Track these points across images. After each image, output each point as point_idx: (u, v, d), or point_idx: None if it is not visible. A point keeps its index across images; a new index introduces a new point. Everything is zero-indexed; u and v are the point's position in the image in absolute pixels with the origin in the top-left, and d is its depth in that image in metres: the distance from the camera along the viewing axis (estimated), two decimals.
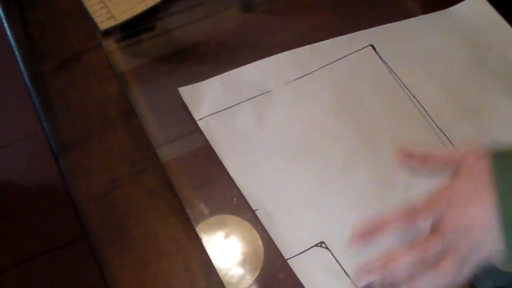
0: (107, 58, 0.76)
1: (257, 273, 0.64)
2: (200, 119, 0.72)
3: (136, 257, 0.63)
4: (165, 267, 0.63)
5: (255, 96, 0.75)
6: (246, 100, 0.74)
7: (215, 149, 0.70)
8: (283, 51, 0.78)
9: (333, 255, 0.64)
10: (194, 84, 0.75)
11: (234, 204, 0.68)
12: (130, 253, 0.64)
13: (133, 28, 0.81)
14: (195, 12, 0.84)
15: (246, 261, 0.65)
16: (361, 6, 0.85)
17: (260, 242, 0.65)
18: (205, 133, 0.71)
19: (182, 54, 0.80)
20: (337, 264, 0.64)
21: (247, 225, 0.67)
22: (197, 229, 0.65)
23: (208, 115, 0.73)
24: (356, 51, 0.79)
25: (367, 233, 0.57)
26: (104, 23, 0.79)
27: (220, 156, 0.70)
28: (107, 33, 0.79)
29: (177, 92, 0.74)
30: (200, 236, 0.65)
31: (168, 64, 0.78)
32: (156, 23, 0.82)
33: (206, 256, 0.63)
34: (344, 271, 0.63)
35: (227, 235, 0.66)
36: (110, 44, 0.79)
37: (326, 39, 0.80)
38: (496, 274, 0.65)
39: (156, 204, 0.66)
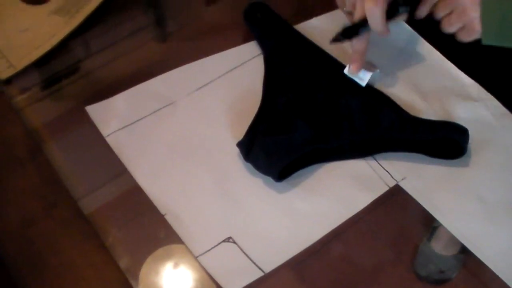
0: (10, 102, 0.79)
1: None
2: (108, 135, 0.75)
3: (57, 285, 0.65)
4: None
5: (160, 109, 0.78)
6: (152, 113, 0.78)
7: (123, 162, 0.73)
8: None
9: (240, 248, 0.67)
10: (101, 102, 0.78)
11: (154, 229, 0.70)
12: (51, 283, 0.65)
13: (54, 73, 0.83)
14: (114, 49, 0.87)
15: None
16: None
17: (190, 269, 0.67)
18: (113, 148, 0.74)
19: (104, 92, 0.80)
20: (246, 257, 0.67)
21: (165, 252, 0.68)
22: (117, 254, 0.67)
23: (116, 130, 0.76)
24: (250, 59, 0.83)
25: None
26: (3, 73, 0.81)
27: (128, 167, 0.73)
28: (9, 80, 0.81)
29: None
30: (116, 260, 0.67)
31: (88, 103, 0.79)
32: (79, 64, 0.85)
33: (123, 278, 0.65)
34: (253, 262, 0.66)
35: (146, 259, 0.68)
36: (35, 93, 0.82)
37: None
38: (437, 259, 0.68)
39: (70, 233, 0.68)
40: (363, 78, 0.78)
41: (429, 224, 0.70)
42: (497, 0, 0.69)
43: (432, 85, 0.81)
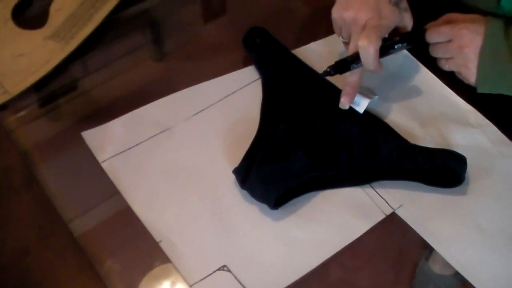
0: (6, 131, 0.78)
1: None
2: (103, 161, 0.75)
3: None
4: None
5: (156, 134, 0.78)
6: (148, 138, 0.77)
7: (118, 189, 0.73)
8: None
9: (235, 277, 0.66)
10: (97, 127, 0.78)
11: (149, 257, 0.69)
12: None
13: (48, 94, 0.83)
14: (111, 69, 0.87)
15: None
16: None
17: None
18: (109, 174, 0.74)
19: (100, 112, 0.81)
20: (240, 286, 0.66)
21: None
22: (112, 280, 0.67)
23: (111, 156, 0.75)
24: (249, 83, 0.83)
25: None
26: None
27: (123, 194, 0.72)
28: (4, 106, 0.81)
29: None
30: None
31: (86, 124, 0.79)
32: (75, 84, 0.84)
33: None
34: None
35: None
36: (30, 115, 0.81)
37: None
38: (437, 278, 0.68)
39: (66, 264, 0.68)
40: (361, 105, 0.78)
41: (428, 244, 0.70)
42: (494, 61, 0.71)
43: (430, 111, 0.81)
